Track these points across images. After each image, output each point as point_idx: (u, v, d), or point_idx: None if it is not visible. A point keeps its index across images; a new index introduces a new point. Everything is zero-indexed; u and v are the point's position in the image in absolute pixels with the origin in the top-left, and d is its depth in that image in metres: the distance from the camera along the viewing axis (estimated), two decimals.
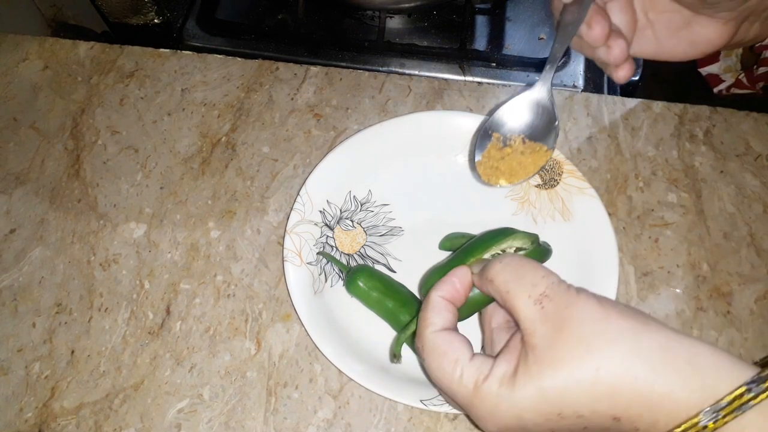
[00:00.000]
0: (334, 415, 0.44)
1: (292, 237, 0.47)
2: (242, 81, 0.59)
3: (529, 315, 0.30)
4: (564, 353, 0.28)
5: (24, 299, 0.49)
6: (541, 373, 0.28)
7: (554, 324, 0.29)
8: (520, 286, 0.31)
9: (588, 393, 0.27)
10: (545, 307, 0.30)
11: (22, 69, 0.61)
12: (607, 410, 0.27)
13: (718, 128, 0.55)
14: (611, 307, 0.29)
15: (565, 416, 0.28)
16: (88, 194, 0.54)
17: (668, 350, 0.27)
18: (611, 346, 0.27)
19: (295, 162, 0.54)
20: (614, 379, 0.27)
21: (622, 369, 0.27)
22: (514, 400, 0.29)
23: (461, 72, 0.65)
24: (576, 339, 0.28)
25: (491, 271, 0.33)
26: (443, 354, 0.32)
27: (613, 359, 0.27)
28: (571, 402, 0.28)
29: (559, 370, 0.28)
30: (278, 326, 0.47)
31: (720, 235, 0.50)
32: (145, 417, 0.45)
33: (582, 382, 0.27)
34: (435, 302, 0.35)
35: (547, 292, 0.30)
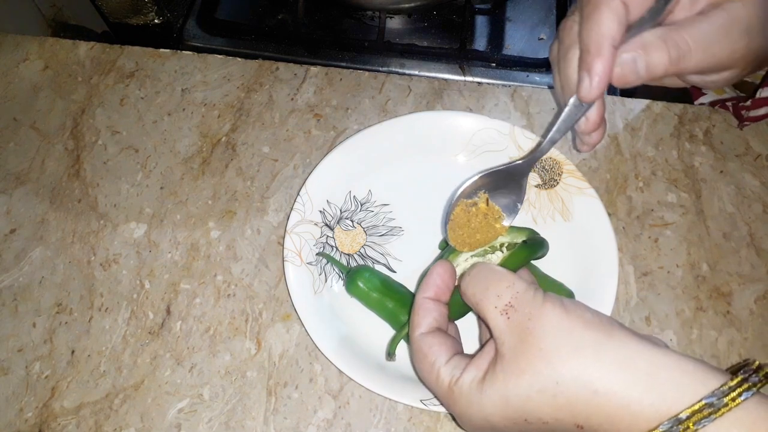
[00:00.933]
0: (334, 415, 0.44)
1: (292, 237, 0.48)
2: (242, 81, 0.59)
3: (497, 325, 0.31)
4: (526, 365, 0.29)
5: (24, 299, 0.49)
6: (506, 382, 0.30)
7: (519, 335, 0.30)
8: (487, 298, 0.32)
9: (549, 403, 0.28)
10: (511, 318, 0.31)
11: (22, 69, 0.61)
12: (570, 419, 0.28)
13: (718, 128, 0.55)
14: (577, 317, 0.29)
15: (531, 422, 0.29)
16: (88, 194, 0.54)
17: (629, 362, 0.27)
18: (571, 360, 0.28)
19: (295, 162, 0.54)
20: (573, 392, 0.28)
21: (581, 383, 0.28)
22: (482, 404, 0.30)
23: (461, 72, 0.65)
24: (537, 351, 0.29)
25: (462, 284, 0.34)
26: (424, 356, 0.34)
27: (571, 372, 0.28)
28: (534, 410, 0.29)
29: (522, 381, 0.29)
30: (278, 326, 0.47)
31: (720, 235, 0.50)
32: (146, 417, 0.45)
33: (543, 393, 0.28)
34: (420, 304, 0.36)
35: (512, 302, 0.31)
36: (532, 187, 0.51)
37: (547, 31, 0.69)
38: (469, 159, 0.52)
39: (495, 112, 0.56)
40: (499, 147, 0.51)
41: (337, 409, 0.44)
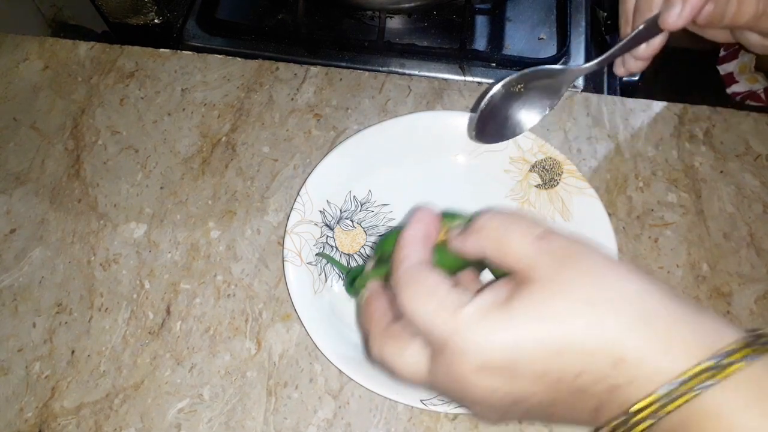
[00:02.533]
0: (334, 415, 0.44)
1: (292, 237, 0.48)
2: (242, 81, 0.59)
3: (526, 253, 0.27)
4: (578, 280, 0.25)
5: (24, 299, 0.49)
6: (550, 299, 0.25)
7: (564, 254, 0.26)
8: (517, 230, 0.27)
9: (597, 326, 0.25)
10: (548, 240, 0.27)
11: (22, 69, 0.61)
12: (618, 351, 0.24)
13: (718, 128, 0.55)
14: (615, 262, 0.27)
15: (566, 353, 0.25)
16: (88, 194, 0.54)
17: (653, 315, 0.24)
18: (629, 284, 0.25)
19: (295, 162, 0.54)
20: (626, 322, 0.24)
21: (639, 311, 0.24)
22: (507, 333, 0.25)
23: (461, 72, 0.65)
24: (590, 270, 0.26)
25: (480, 220, 0.29)
26: (418, 282, 0.28)
27: (623, 300, 0.25)
28: (579, 335, 0.25)
29: (574, 297, 0.25)
30: (278, 326, 0.47)
31: (720, 235, 0.50)
32: (145, 417, 0.45)
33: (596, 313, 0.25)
34: (408, 238, 0.31)
35: (547, 231, 0.27)
36: (532, 187, 0.51)
37: (547, 31, 0.69)
38: (469, 159, 0.52)
39: None
40: (499, 147, 0.51)
41: (337, 409, 0.44)
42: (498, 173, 0.51)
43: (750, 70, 0.65)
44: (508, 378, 0.25)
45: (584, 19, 0.70)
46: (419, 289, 0.28)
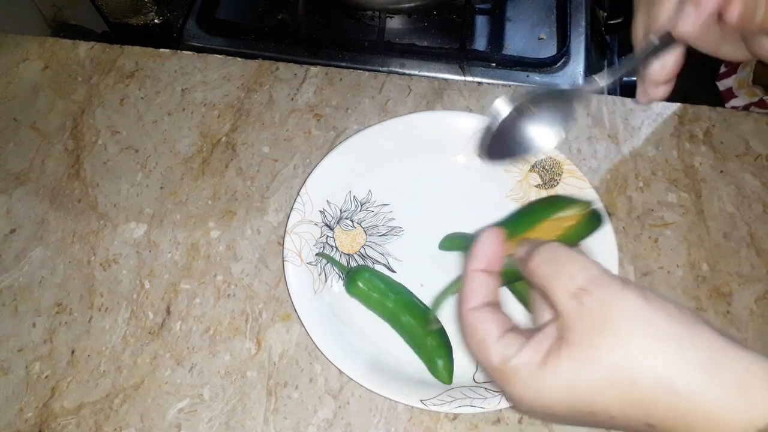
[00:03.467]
0: (334, 415, 0.44)
1: (292, 237, 0.48)
2: (242, 81, 0.59)
3: (566, 310, 0.28)
4: (600, 354, 0.27)
5: (24, 299, 0.49)
6: (573, 370, 0.27)
7: (592, 321, 0.27)
8: (558, 281, 0.29)
9: (621, 398, 0.26)
10: (583, 302, 0.28)
11: (22, 69, 0.61)
12: (642, 417, 0.26)
13: (718, 128, 0.55)
14: (659, 308, 0.27)
15: (597, 413, 0.27)
16: (88, 194, 0.54)
17: (716, 365, 0.25)
18: (651, 355, 0.26)
19: (295, 162, 0.54)
20: (651, 390, 0.26)
21: (661, 381, 0.26)
22: (541, 390, 0.28)
23: (461, 72, 0.65)
24: (613, 340, 0.27)
25: (531, 264, 0.31)
26: (473, 332, 0.32)
27: (652, 369, 0.26)
28: (603, 403, 0.27)
29: (593, 371, 0.27)
30: (278, 326, 0.47)
31: (720, 235, 0.50)
32: (145, 417, 0.45)
33: (616, 388, 0.26)
34: (469, 277, 0.33)
35: (587, 286, 0.28)
36: (532, 187, 0.51)
37: (547, 31, 0.69)
38: (469, 159, 0.52)
39: None
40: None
41: (337, 409, 0.44)
42: (498, 173, 0.51)
43: (748, 84, 0.65)
44: (555, 419, 0.30)
45: (584, 19, 0.70)
46: (473, 338, 0.32)
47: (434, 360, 0.43)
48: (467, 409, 0.41)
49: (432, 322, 0.40)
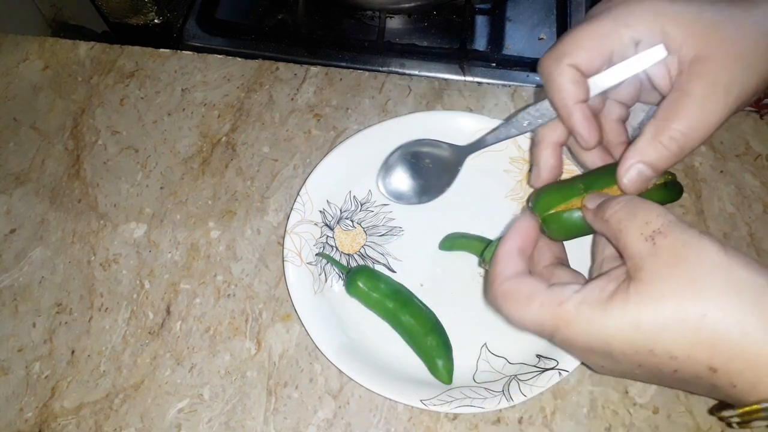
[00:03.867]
0: (334, 415, 0.44)
1: (292, 237, 0.48)
2: (242, 81, 0.59)
3: (637, 251, 0.28)
4: (671, 290, 0.26)
5: (24, 299, 0.49)
6: (640, 305, 0.27)
7: (666, 260, 0.27)
8: (633, 224, 0.29)
9: (688, 336, 0.26)
10: (657, 243, 0.28)
11: (22, 69, 0.61)
12: (705, 359, 0.26)
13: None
14: (735, 256, 0.27)
15: (657, 354, 0.27)
16: (88, 194, 0.54)
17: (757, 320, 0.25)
18: (726, 296, 0.25)
19: (295, 162, 0.54)
20: (721, 329, 0.25)
21: (733, 321, 0.25)
22: (605, 325, 0.28)
23: (461, 72, 0.65)
24: (688, 279, 0.26)
25: (608, 210, 0.31)
26: (515, 294, 0.31)
27: (725, 309, 0.25)
28: (667, 341, 0.26)
29: (662, 307, 0.26)
30: (278, 326, 0.47)
31: (720, 235, 0.50)
32: (146, 417, 0.45)
33: (684, 324, 0.26)
34: (502, 256, 0.34)
35: (662, 230, 0.28)
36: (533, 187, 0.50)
37: (547, 31, 0.69)
38: (469, 159, 0.52)
39: (495, 112, 0.56)
40: (499, 147, 0.51)
41: (337, 409, 0.44)
42: (498, 173, 0.51)
43: None
44: (610, 361, 0.29)
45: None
46: (518, 298, 0.31)
47: (434, 360, 0.43)
48: (467, 409, 0.41)
49: (485, 262, 0.39)
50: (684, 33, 0.33)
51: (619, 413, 0.44)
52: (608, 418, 0.44)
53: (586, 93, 0.35)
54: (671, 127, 0.33)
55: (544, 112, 0.38)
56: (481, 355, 0.45)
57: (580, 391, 0.45)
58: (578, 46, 0.34)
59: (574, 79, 0.34)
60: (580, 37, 0.34)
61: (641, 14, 0.33)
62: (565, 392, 0.44)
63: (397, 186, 0.43)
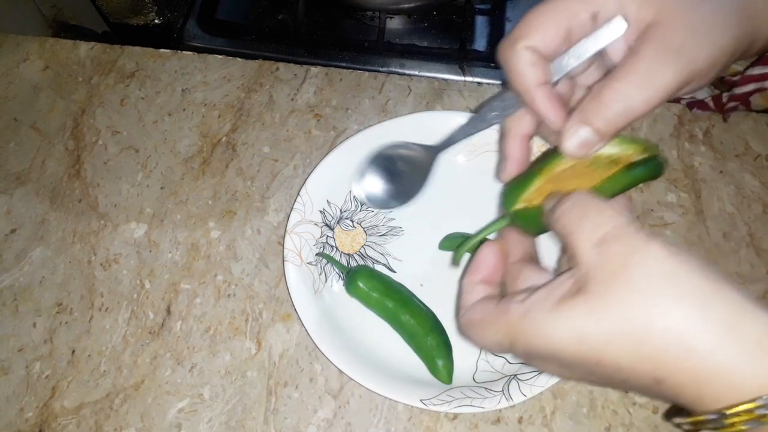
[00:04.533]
0: (334, 415, 0.44)
1: (292, 237, 0.48)
2: (242, 81, 0.59)
3: (586, 257, 0.27)
4: (615, 302, 0.26)
5: (24, 299, 0.49)
6: (586, 316, 0.26)
7: (612, 269, 0.26)
8: (582, 228, 0.28)
9: (632, 349, 0.25)
10: (605, 250, 0.27)
11: (22, 69, 0.61)
12: (650, 371, 0.25)
13: (718, 128, 0.55)
14: (684, 262, 0.26)
15: (604, 365, 0.26)
16: (88, 194, 0.54)
17: (735, 324, 0.24)
18: (671, 307, 0.25)
19: (295, 162, 0.54)
20: (664, 343, 0.25)
21: (676, 335, 0.24)
22: (551, 335, 0.27)
23: (461, 72, 0.65)
24: (631, 290, 0.25)
25: (558, 210, 0.30)
26: (473, 322, 0.32)
27: (668, 321, 0.25)
28: (612, 354, 0.26)
29: (606, 319, 0.26)
30: (278, 326, 0.48)
31: (719, 235, 0.50)
32: (146, 417, 0.45)
33: (628, 336, 0.25)
34: (465, 288, 0.34)
35: (610, 234, 0.27)
36: None
37: None
38: (469, 159, 0.52)
39: None
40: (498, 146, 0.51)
41: (337, 408, 0.45)
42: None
43: None
44: (564, 369, 0.29)
45: None
46: (475, 325, 0.31)
47: (434, 360, 0.43)
48: (467, 409, 0.41)
49: (456, 262, 0.40)
50: (638, 1, 0.32)
51: (618, 413, 0.44)
52: (608, 418, 0.44)
53: (547, 75, 0.34)
54: (615, 87, 0.32)
55: (510, 103, 0.36)
56: (481, 354, 0.45)
57: (579, 390, 0.45)
58: (532, 27, 0.33)
59: (532, 61, 0.33)
60: (534, 18, 0.33)
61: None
62: (564, 392, 0.45)
63: (373, 191, 0.42)
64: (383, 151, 0.43)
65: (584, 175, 0.34)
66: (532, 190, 0.35)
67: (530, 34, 0.33)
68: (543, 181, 0.35)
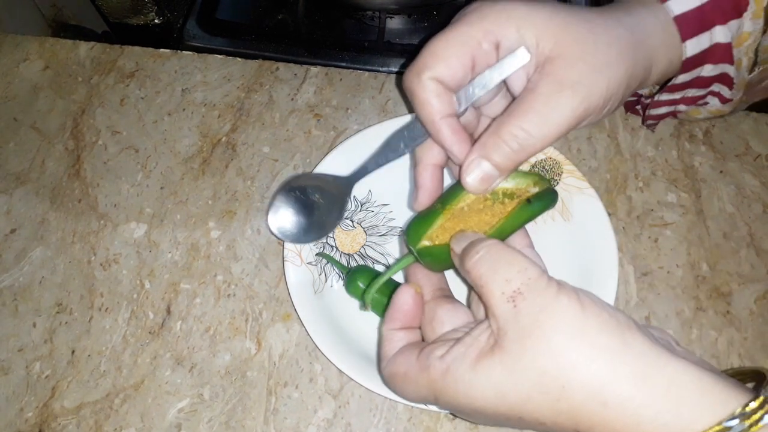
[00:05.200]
0: (334, 415, 0.44)
1: None
2: (242, 81, 0.59)
3: (500, 312, 0.28)
4: (530, 361, 0.27)
5: (24, 299, 0.49)
6: (503, 375, 0.27)
7: (525, 327, 0.27)
8: (494, 281, 0.29)
9: (551, 407, 0.26)
10: (518, 306, 0.28)
11: (22, 69, 0.61)
12: (571, 426, 0.27)
13: (718, 128, 0.55)
14: (593, 316, 0.27)
15: (526, 420, 0.28)
16: (88, 194, 0.54)
17: (645, 376, 0.25)
18: (582, 365, 0.26)
19: (295, 162, 0.54)
20: (580, 400, 0.26)
21: (590, 391, 0.26)
22: (472, 394, 0.28)
23: None
24: (545, 349, 0.26)
25: (468, 262, 0.31)
26: (395, 376, 0.32)
27: (581, 378, 0.26)
28: (533, 411, 0.27)
29: (523, 378, 0.27)
30: (278, 326, 0.48)
31: (720, 235, 0.50)
32: (146, 417, 0.45)
33: (546, 395, 0.26)
34: (386, 337, 0.34)
35: (522, 290, 0.28)
36: None
37: None
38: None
39: None
40: None
41: (337, 408, 0.45)
42: None
43: None
44: (490, 420, 0.29)
45: None
46: (398, 379, 0.32)
47: None
48: None
49: (364, 306, 0.40)
50: (537, 34, 0.32)
51: None
52: None
53: (452, 106, 0.34)
54: (513, 124, 0.32)
55: (418, 133, 0.36)
56: None
57: None
58: (437, 57, 0.33)
59: (437, 92, 0.33)
60: (438, 48, 0.33)
61: (495, 18, 0.32)
62: None
63: (286, 225, 0.40)
64: (294, 182, 0.41)
65: (484, 210, 0.35)
66: (436, 227, 0.35)
67: (435, 65, 0.33)
68: (446, 218, 0.35)
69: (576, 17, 0.32)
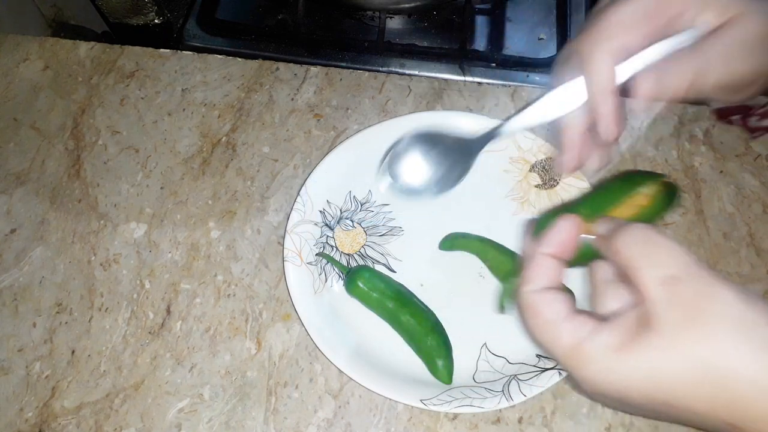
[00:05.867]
0: (334, 415, 0.44)
1: (292, 237, 0.48)
2: (242, 81, 0.59)
3: (656, 297, 0.27)
4: (690, 347, 0.25)
5: (24, 299, 0.49)
6: (657, 359, 0.26)
7: (684, 312, 0.26)
8: (649, 265, 0.27)
9: (709, 396, 0.25)
10: (675, 292, 0.26)
11: (22, 69, 0.61)
12: (725, 416, 0.25)
13: (718, 128, 0.55)
14: (762, 310, 0.25)
15: (675, 407, 0.26)
16: (88, 194, 0.54)
17: None
18: (748, 356, 0.24)
19: (295, 162, 0.54)
20: (746, 392, 0.24)
21: (757, 384, 0.24)
22: (619, 375, 0.27)
23: (461, 72, 0.65)
24: (708, 336, 0.25)
25: (618, 242, 0.29)
26: (537, 313, 0.30)
27: (746, 370, 0.24)
28: (686, 398, 0.26)
29: (680, 363, 0.25)
30: (278, 326, 0.48)
31: (720, 235, 0.50)
32: (146, 417, 0.45)
33: (704, 384, 0.25)
34: (536, 259, 0.32)
35: (680, 275, 0.27)
36: (532, 187, 0.51)
37: (547, 31, 0.69)
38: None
39: (495, 112, 0.56)
40: (499, 147, 0.51)
41: (337, 408, 0.45)
42: (498, 173, 0.51)
43: None
44: (627, 406, 0.28)
45: (584, 19, 0.70)
46: (538, 318, 0.30)
47: (434, 360, 0.43)
48: (467, 409, 0.41)
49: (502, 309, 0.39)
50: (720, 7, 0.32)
51: (618, 413, 0.44)
52: (608, 418, 0.44)
53: (616, 81, 0.33)
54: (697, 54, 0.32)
55: (566, 99, 0.35)
56: (481, 355, 0.45)
57: None
58: (620, 26, 0.32)
59: (611, 64, 0.32)
60: (619, 16, 0.32)
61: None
62: (564, 392, 0.45)
63: (407, 179, 0.39)
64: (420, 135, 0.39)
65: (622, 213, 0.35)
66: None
67: (617, 34, 0.32)
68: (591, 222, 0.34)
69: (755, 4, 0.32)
